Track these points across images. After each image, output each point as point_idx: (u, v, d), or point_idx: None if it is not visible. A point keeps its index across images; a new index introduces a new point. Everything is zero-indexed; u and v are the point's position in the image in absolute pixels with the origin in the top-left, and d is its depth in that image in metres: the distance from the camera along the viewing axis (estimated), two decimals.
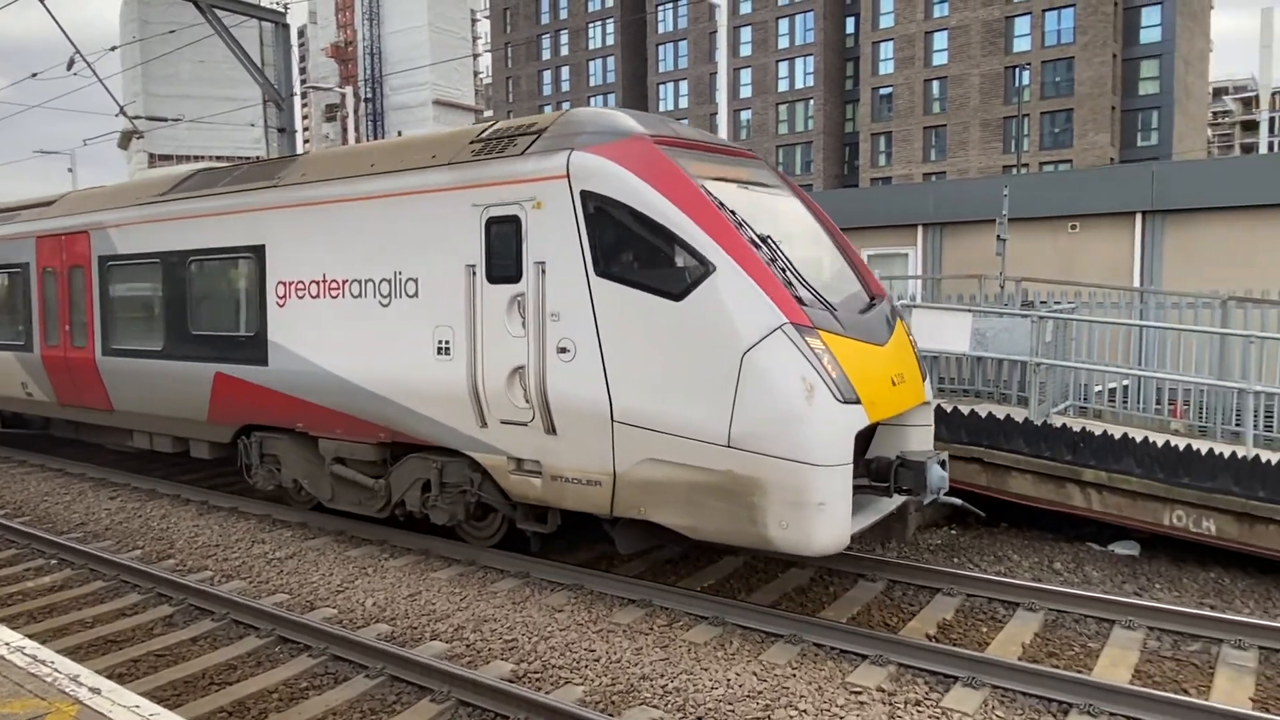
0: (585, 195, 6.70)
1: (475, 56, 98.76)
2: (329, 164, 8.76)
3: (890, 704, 5.43)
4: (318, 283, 8.45)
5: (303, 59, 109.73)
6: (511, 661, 6.15)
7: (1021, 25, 59.88)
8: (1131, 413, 10.52)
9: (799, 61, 70.12)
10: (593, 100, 78.96)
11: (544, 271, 6.90)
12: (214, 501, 10.62)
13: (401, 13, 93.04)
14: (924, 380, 7.34)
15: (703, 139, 7.69)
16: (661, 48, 77.55)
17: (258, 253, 9.01)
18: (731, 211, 6.59)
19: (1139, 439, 8.69)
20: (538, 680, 5.86)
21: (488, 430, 7.35)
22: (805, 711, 5.33)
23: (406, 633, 6.70)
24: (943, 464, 6.77)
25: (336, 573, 8.03)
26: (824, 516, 5.94)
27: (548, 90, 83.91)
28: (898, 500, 6.89)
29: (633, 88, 77.71)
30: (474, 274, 7.32)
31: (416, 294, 7.68)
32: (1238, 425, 9.54)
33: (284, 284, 8.76)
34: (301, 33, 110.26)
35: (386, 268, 7.88)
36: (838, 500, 5.97)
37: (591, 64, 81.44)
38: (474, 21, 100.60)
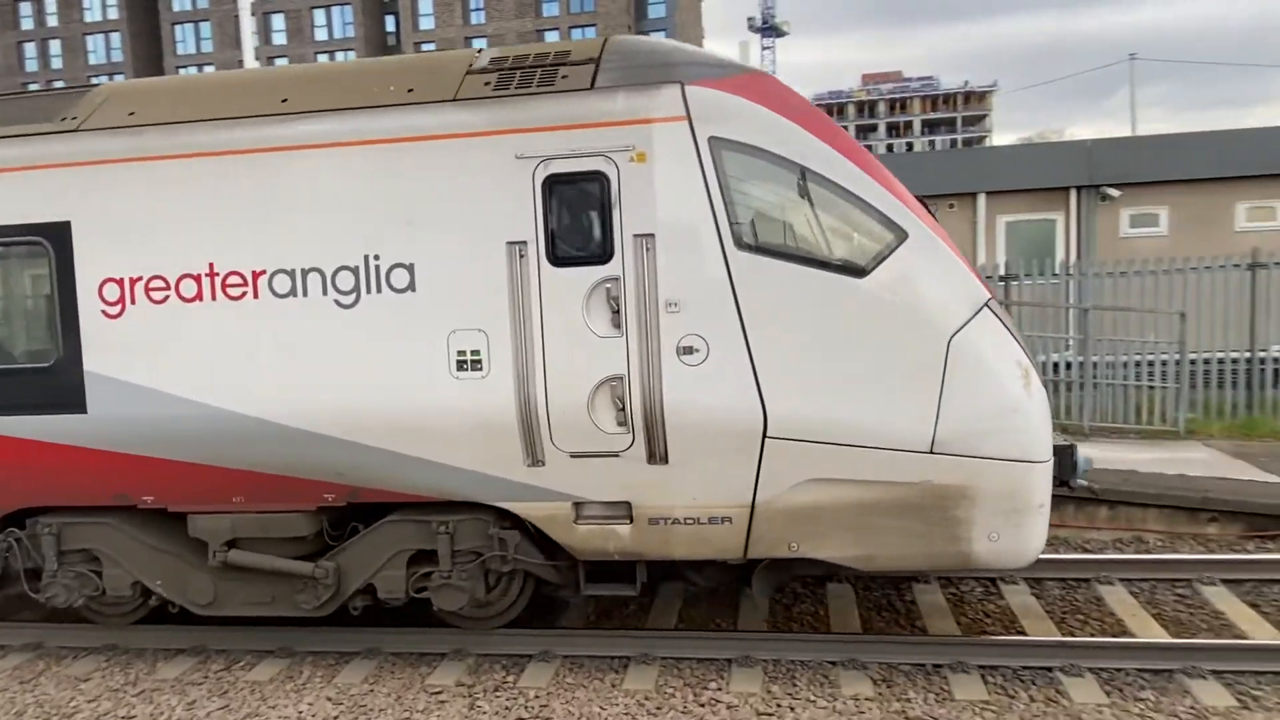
0: (717, 143, 5.21)
1: None
2: (183, 98, 5.92)
3: (470, 695, 5.51)
4: (196, 278, 5.63)
5: None
6: None
7: (552, 39, 64.43)
8: None
9: (339, 56, 67.74)
10: (96, 81, 68.51)
11: (651, 247, 5.25)
12: None
13: None
14: None
15: None
16: (179, 28, 69.72)
17: (54, 237, 5.77)
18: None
19: None
20: None
21: (542, 470, 5.50)
22: None
23: None
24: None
25: None
26: (1040, 520, 5.30)
27: (32, 65, 70.72)
28: None
29: (146, 69, 68.69)
30: (523, 254, 5.36)
31: (411, 287, 5.46)
32: None
33: (119, 282, 5.71)
34: None
35: (350, 251, 5.50)
36: (1049, 500, 5.34)
37: (90, 39, 70.46)
38: None
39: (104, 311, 5.70)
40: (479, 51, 5.99)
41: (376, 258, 5.45)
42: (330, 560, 5.87)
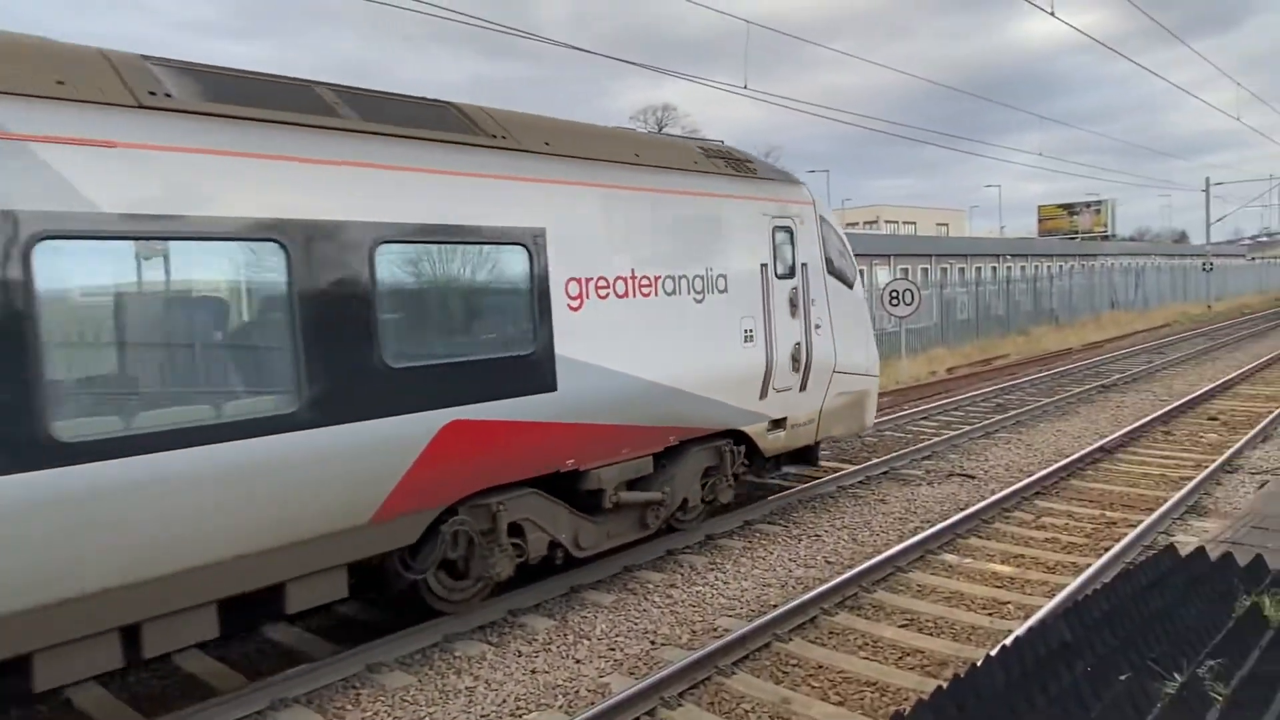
0: (821, 219, 9.98)
1: None
2: (574, 139, 7.63)
3: None
4: (626, 279, 7.72)
5: None
6: None
7: None
8: None
9: None
10: None
11: (806, 270, 9.63)
12: None
13: None
14: None
15: None
16: None
17: (533, 241, 6.87)
18: None
19: None
20: None
21: (765, 400, 9.06)
22: None
23: None
24: None
25: None
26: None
27: None
28: None
29: None
30: (766, 271, 9.11)
31: (726, 289, 8.68)
32: None
33: (579, 281, 7.25)
34: None
35: (700, 265, 8.44)
36: None
37: None
38: None
39: (568, 305, 7.22)
40: (695, 139, 10.22)
41: (711, 269, 8.54)
42: (668, 488, 8.32)
